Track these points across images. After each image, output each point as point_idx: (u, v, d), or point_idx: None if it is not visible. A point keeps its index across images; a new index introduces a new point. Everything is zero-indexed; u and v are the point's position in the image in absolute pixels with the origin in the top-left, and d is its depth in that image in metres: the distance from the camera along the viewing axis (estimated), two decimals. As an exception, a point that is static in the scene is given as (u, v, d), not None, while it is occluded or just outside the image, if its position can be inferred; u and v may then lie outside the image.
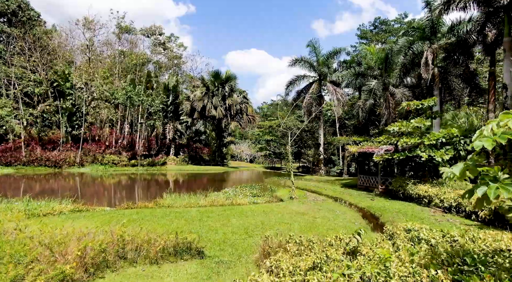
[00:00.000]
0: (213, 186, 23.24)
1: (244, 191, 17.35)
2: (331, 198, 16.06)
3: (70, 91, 39.12)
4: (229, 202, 13.58)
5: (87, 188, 22.00)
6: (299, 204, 13.03)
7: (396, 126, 15.06)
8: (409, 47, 18.11)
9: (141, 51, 46.55)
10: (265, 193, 16.64)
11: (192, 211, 11.71)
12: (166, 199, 13.32)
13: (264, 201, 14.62)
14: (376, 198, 15.69)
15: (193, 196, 14.03)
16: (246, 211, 11.75)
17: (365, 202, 14.42)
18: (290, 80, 29.36)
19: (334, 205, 13.57)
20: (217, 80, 42.11)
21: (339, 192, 18.09)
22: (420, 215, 11.05)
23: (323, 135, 29.14)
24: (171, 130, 43.51)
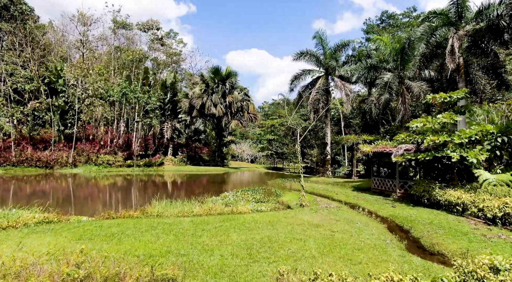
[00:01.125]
0: (212, 189, 21.37)
1: (246, 196, 15.45)
2: (345, 204, 14.14)
3: (62, 88, 37.29)
4: (228, 209, 11.68)
5: (75, 190, 20.13)
6: (310, 212, 11.11)
7: (420, 123, 13.13)
8: (431, 34, 16.14)
9: (138, 47, 44.70)
10: (270, 198, 14.73)
11: (185, 221, 9.82)
12: (156, 206, 11.41)
13: (269, 208, 12.71)
14: (397, 204, 13.76)
15: (187, 203, 12.13)
16: (248, 222, 9.85)
17: (385, 209, 12.50)
18: (295, 74, 27.42)
19: (351, 213, 11.66)
20: (217, 76, 40.20)
21: (353, 196, 16.16)
22: (459, 228, 9.13)
23: (330, 134, 27.21)
24: (169, 129, 41.64)
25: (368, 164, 27.17)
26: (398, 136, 14.33)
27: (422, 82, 18.55)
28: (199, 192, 19.94)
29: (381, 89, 18.62)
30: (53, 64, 37.59)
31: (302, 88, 28.17)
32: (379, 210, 12.33)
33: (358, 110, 44.81)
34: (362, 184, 21.88)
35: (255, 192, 16.66)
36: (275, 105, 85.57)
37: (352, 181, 23.94)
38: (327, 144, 26.87)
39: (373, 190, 18.01)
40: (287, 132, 53.29)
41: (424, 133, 13.49)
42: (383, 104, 18.50)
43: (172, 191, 20.46)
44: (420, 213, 11.41)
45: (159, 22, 43.91)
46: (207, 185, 25.01)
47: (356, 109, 29.97)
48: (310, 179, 27.01)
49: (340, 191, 18.53)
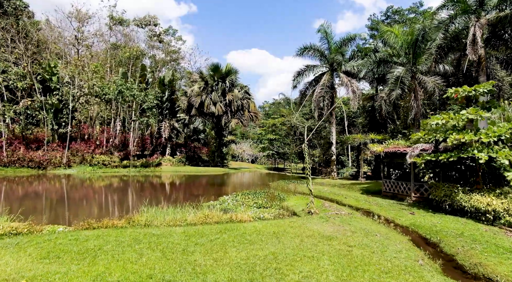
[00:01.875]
0: (210, 191, 20.01)
1: (247, 200, 14.10)
2: (357, 210, 12.77)
3: (56, 86, 35.95)
4: (227, 217, 10.31)
5: (63, 193, 18.78)
6: (320, 221, 9.74)
7: (441, 119, 11.75)
8: (449, 24, 14.73)
9: (136, 44, 43.35)
10: (273, 203, 13.37)
11: (176, 233, 8.47)
12: (144, 214, 10.04)
13: (272, 215, 11.36)
14: (414, 210, 12.39)
15: (179, 210, 10.75)
16: (250, 233, 8.51)
17: (404, 216, 11.13)
18: (299, 70, 25.99)
19: (366, 221, 10.28)
20: (216, 74, 38.81)
21: (363, 201, 14.78)
22: (498, 242, 7.75)
23: (335, 133, 25.80)
24: (167, 129, 40.29)
25: (376, 165, 25.77)
26: (415, 135, 12.94)
27: (436, 77, 17.18)
28: (196, 195, 18.60)
29: (392, 85, 17.24)
30: (47, 61, 36.26)
31: (306, 85, 26.78)
32: (397, 218, 10.95)
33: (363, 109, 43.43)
34: (370, 186, 20.49)
35: (256, 195, 15.30)
36: (276, 105, 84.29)
37: (359, 182, 22.56)
38: (332, 144, 25.48)
39: (385, 194, 16.63)
40: (289, 132, 51.90)
41: (444, 131, 12.10)
42: (394, 100, 17.12)
43: (167, 194, 19.12)
44: (445, 222, 10.04)
45: (156, 18, 42.61)
46: (205, 186, 23.68)
47: (360, 108, 28.58)
48: (314, 180, 25.61)
49: (349, 194, 17.15)
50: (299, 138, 52.31)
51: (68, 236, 8.03)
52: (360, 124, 41.20)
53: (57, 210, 13.07)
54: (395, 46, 18.43)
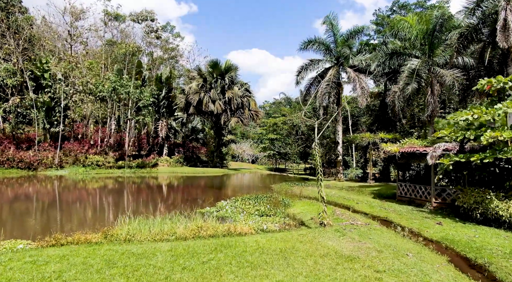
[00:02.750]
0: (207, 195, 18.40)
1: (247, 206, 12.53)
2: (374, 218, 11.18)
3: (48, 83, 34.41)
4: (224, 229, 8.74)
5: (47, 197, 17.20)
6: (336, 235, 8.16)
7: (471, 115, 10.17)
8: (476, 8, 13.11)
9: (132, 40, 41.77)
10: (277, 210, 11.80)
11: (161, 251, 6.90)
12: (125, 226, 8.45)
13: (277, 225, 9.80)
14: (439, 218, 10.81)
15: (168, 220, 9.17)
16: (251, 251, 6.95)
17: (430, 227, 9.55)
18: (302, 65, 24.34)
19: (389, 234, 8.71)
20: (215, 71, 37.23)
21: (378, 207, 13.20)
22: (563, 264, 6.17)
23: (341, 132, 24.18)
24: (164, 128, 38.71)
25: (385, 166, 24.20)
26: (439, 133, 11.36)
27: (455, 70, 15.62)
28: (192, 199, 17.04)
29: (407, 78, 15.67)
30: (38, 57, 34.72)
31: (310, 80, 25.16)
32: (423, 229, 9.37)
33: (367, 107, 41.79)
34: (381, 189, 18.90)
35: (258, 200, 13.73)
36: (276, 105, 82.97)
37: (368, 185, 20.98)
38: (339, 143, 23.87)
39: (400, 198, 15.05)
40: (291, 131, 50.32)
41: (475, 128, 10.53)
42: (410, 96, 15.55)
43: (159, 198, 17.55)
44: (482, 235, 8.46)
45: (153, 13, 41.03)
46: (202, 189, 22.10)
47: (364, 106, 26.96)
48: (318, 183, 24.09)
49: (360, 198, 15.57)
50: (301, 138, 50.72)
51: (26, 257, 6.46)
52: (364, 123, 39.62)
53: (31, 219, 11.49)
54: (410, 36, 16.83)
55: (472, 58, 16.54)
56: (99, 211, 13.62)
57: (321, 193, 9.04)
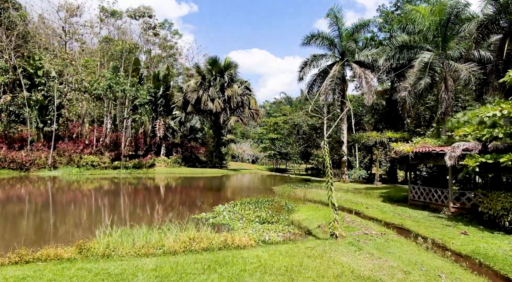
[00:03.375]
0: (204, 198, 17.26)
1: (247, 212, 11.37)
2: (387, 225, 10.04)
3: (41, 81, 33.27)
4: (220, 240, 7.59)
5: (32, 200, 16.05)
6: (349, 248, 7.00)
7: (500, 110, 9.01)
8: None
9: (129, 37, 40.61)
10: (280, 217, 10.64)
11: (144, 270, 5.77)
12: (105, 238, 7.27)
13: (281, 235, 8.65)
14: (461, 226, 9.66)
15: (155, 231, 8.01)
16: (251, 271, 5.82)
17: (455, 238, 8.39)
18: (305, 60, 23.18)
19: (410, 247, 7.55)
20: (214, 68, 36.05)
21: (390, 212, 12.04)
22: None
23: (346, 131, 23.01)
24: (162, 127, 37.55)
25: (391, 167, 23.03)
26: (462, 130, 10.22)
27: (471, 64, 14.47)
28: (187, 203, 15.91)
29: (419, 72, 14.52)
30: (32, 53, 33.59)
31: (313, 77, 24.00)
32: (447, 240, 8.22)
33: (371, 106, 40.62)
34: (390, 192, 17.75)
35: (258, 205, 12.57)
36: (277, 104, 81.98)
37: (375, 187, 19.82)
38: (343, 143, 22.68)
39: (412, 202, 13.88)
40: (292, 131, 49.16)
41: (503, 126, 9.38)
42: (421, 91, 14.37)
43: (152, 201, 16.40)
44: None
45: (151, 9, 39.79)
46: (199, 192, 20.95)
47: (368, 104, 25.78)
48: (323, 184, 22.88)
49: (369, 202, 14.41)
50: (302, 138, 49.55)
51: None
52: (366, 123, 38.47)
53: (4, 228, 10.33)
54: (422, 28, 15.67)
55: (488, 51, 15.40)
56: (86, 216, 12.47)
57: (331, 199, 7.88)
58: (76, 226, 10.57)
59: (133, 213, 12.86)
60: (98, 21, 37.80)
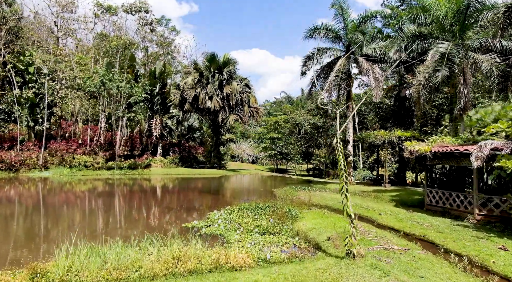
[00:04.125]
0: (199, 202, 15.89)
1: (245, 220, 9.99)
2: (407, 236, 8.66)
3: (32, 77, 31.93)
4: (211, 259, 6.22)
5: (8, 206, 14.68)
6: (372, 273, 5.61)
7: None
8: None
9: (124, 32, 39.24)
10: (283, 226, 9.28)
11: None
12: (63, 260, 5.87)
13: (285, 250, 7.30)
14: (494, 238, 8.28)
15: (136, 245, 6.63)
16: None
17: (492, 254, 7.01)
18: (308, 54, 21.75)
19: (443, 268, 6.18)
20: (212, 65, 34.65)
21: (408, 220, 10.65)
22: None
23: (352, 129, 21.60)
24: (158, 126, 36.19)
25: (400, 167, 21.65)
26: (490, 128, 8.85)
27: (492, 55, 13.12)
28: (180, 207, 14.54)
29: (435, 64, 13.16)
30: (22, 50, 32.25)
31: (316, 72, 22.63)
32: (484, 257, 6.83)
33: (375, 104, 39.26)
34: (401, 195, 16.38)
35: (258, 211, 11.19)
36: (277, 104, 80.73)
37: (384, 189, 18.44)
38: (349, 142, 21.27)
39: (429, 208, 12.50)
40: (293, 130, 47.80)
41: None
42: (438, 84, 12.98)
43: (142, 206, 15.03)
44: None
45: (147, 4, 38.48)
46: (194, 194, 19.56)
47: (371, 103, 24.56)
48: (327, 186, 21.49)
49: (380, 207, 13.03)
50: (303, 137, 48.16)
51: None
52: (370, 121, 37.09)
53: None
54: (438, 15, 14.27)
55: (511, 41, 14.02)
56: (63, 225, 11.09)
57: (347, 209, 6.52)
58: (47, 238, 9.19)
59: (117, 221, 11.49)
60: (93, 17, 36.41)
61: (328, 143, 46.38)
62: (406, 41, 16.07)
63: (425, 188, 12.88)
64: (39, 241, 8.83)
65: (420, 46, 15.55)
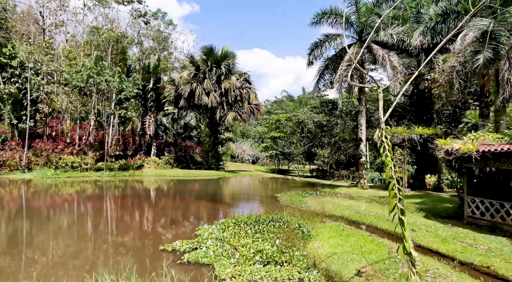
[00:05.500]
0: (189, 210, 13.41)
1: (243, 241, 7.60)
2: (467, 267, 6.28)
3: (15, 72, 29.61)
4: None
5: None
6: None
7: None
8: None
9: (116, 24, 36.90)
10: (293, 251, 6.90)
11: None
12: None
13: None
14: None
15: None
16: None
17: None
18: (316, 41, 19.23)
19: None
20: (210, 58, 32.27)
21: (452, 239, 8.26)
22: None
23: (365, 126, 19.14)
24: (152, 124, 33.84)
25: (419, 169, 19.24)
26: None
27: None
28: (165, 218, 12.13)
29: (475, 45, 10.83)
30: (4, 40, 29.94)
31: (324, 62, 20.21)
32: None
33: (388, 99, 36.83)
34: (426, 202, 13.99)
35: (260, 226, 8.81)
36: (277, 103, 78.75)
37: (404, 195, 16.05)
38: (362, 140, 18.83)
39: (471, 221, 10.11)
40: (295, 129, 45.41)
41: None
42: (480, 67, 10.62)
43: (118, 217, 12.66)
44: None
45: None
46: (185, 201, 17.11)
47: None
48: (336, 190, 19.08)
49: (409, 219, 10.63)
50: (307, 136, 45.78)
51: None
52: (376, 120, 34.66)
53: None
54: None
55: None
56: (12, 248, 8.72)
57: (406, 244, 4.12)
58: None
59: (76, 243, 9.07)
60: (82, 7, 34.09)
61: (332, 142, 44.05)
62: (434, 19, 13.67)
63: (465, 195, 10.48)
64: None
65: (453, 25, 13.14)
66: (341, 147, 43.73)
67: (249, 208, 13.86)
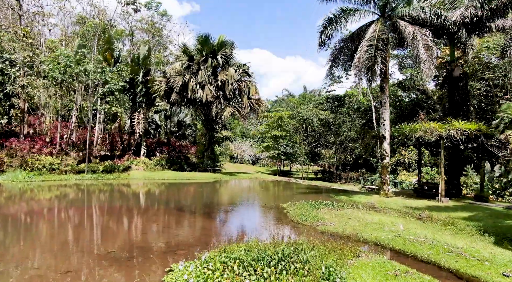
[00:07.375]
0: (165, 232, 9.79)
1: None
2: None
3: (-14, 62, 26.36)
4: None
5: None
6: None
7: None
8: None
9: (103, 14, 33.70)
10: None
11: None
12: None
13: None
14: None
15: None
16: None
17: None
18: (329, 17, 15.63)
19: None
20: (205, 48, 29.00)
21: None
22: None
23: (389, 120, 15.74)
24: (141, 121, 30.60)
25: (452, 172, 15.93)
26: None
27: None
28: (129, 246, 8.75)
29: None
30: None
31: (340, 43, 16.94)
32: None
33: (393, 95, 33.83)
34: (480, 217, 10.73)
35: (263, 267, 5.53)
36: (278, 103, 75.95)
37: (444, 206, 12.75)
38: (385, 138, 15.46)
39: None
40: (299, 127, 42.20)
41: None
42: None
43: (70, 245, 9.40)
44: None
45: (128, -21, 33.05)
46: (166, 215, 13.75)
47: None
48: (353, 198, 15.79)
49: (478, 248, 7.35)
50: (311, 135, 42.56)
51: None
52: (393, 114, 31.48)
53: None
54: None
55: None
56: None
57: None
58: None
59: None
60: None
61: (338, 142, 40.85)
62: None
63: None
64: None
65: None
66: (348, 146, 40.53)
67: (248, 227, 10.61)
